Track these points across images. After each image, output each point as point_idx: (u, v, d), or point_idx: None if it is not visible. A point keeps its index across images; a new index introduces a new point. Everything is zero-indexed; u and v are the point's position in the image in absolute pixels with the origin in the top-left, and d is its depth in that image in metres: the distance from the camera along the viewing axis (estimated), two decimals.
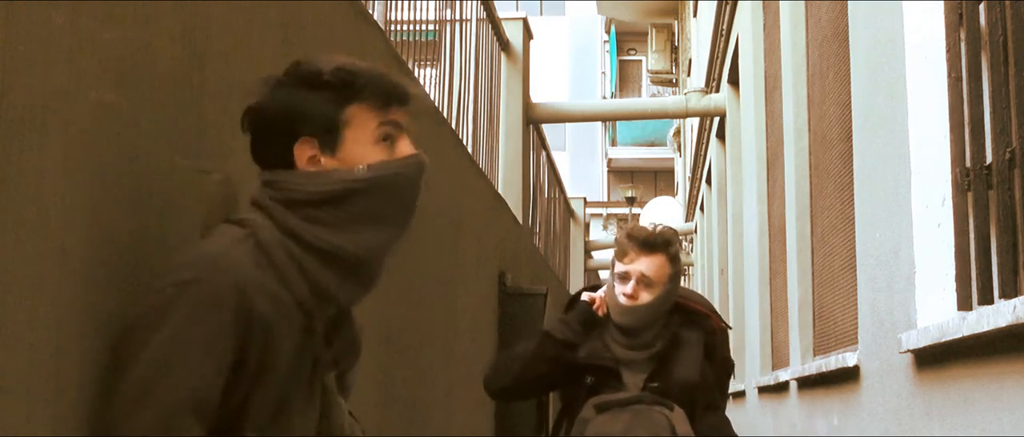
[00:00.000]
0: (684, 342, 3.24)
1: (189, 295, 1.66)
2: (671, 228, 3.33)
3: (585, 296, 3.35)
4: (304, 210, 1.77)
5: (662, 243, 3.22)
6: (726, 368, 3.37)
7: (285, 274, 1.74)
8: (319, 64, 1.81)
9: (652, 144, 30.21)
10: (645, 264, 3.18)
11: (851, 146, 4.42)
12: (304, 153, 1.79)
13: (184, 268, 1.69)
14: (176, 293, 1.66)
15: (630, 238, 3.23)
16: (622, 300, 3.18)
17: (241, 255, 1.71)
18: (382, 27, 4.23)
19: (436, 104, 5.22)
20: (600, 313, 3.27)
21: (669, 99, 12.38)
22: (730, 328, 3.43)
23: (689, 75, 16.60)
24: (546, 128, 10.08)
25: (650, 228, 3.27)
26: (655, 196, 25.03)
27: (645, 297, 3.17)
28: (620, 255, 3.24)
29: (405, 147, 1.84)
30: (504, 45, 8.50)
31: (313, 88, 1.79)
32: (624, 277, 3.20)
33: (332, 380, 1.89)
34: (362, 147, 1.79)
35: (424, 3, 5.33)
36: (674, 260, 3.24)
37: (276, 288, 1.73)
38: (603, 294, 3.31)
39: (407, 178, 1.83)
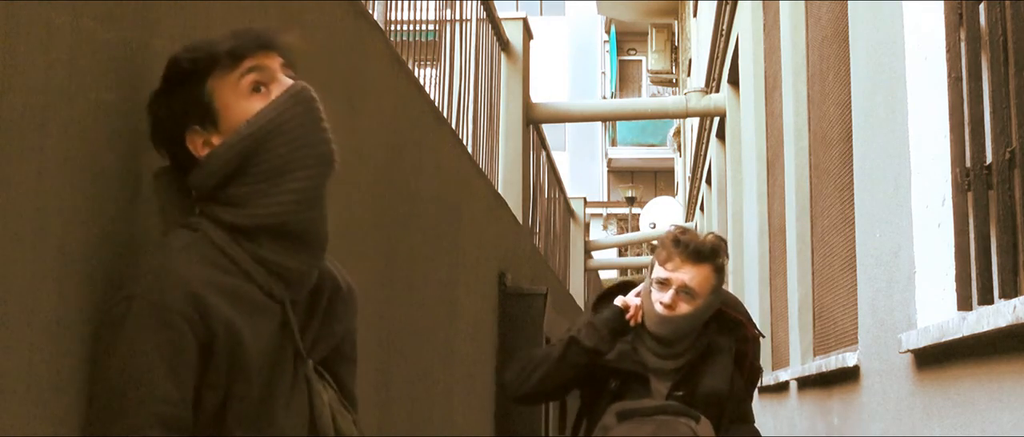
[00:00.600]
0: (715, 351, 3.07)
1: (137, 309, 1.63)
2: (721, 237, 3.11)
3: (619, 300, 3.12)
4: (221, 196, 1.74)
5: (710, 253, 3.00)
6: (755, 377, 3.24)
7: (244, 267, 1.72)
8: (177, 52, 1.78)
9: (652, 144, 30.22)
10: (689, 274, 2.97)
11: (851, 146, 4.42)
12: (197, 143, 1.76)
13: (131, 282, 1.66)
14: (125, 308, 1.64)
15: (677, 243, 2.99)
16: (659, 309, 2.98)
17: (190, 261, 1.68)
18: (382, 27, 4.23)
19: (436, 104, 5.22)
20: (633, 323, 3.07)
21: (669, 99, 12.39)
22: (763, 337, 3.28)
23: (689, 75, 16.61)
24: (546, 128, 10.07)
25: (700, 235, 3.05)
26: (655, 196, 25.02)
27: (684, 308, 2.97)
28: (663, 259, 3.00)
29: (278, 89, 1.75)
30: (504, 45, 8.49)
31: (174, 82, 1.76)
32: (664, 284, 2.99)
33: (310, 368, 1.83)
34: (236, 110, 1.73)
35: (424, 3, 5.33)
36: (719, 272, 3.04)
37: (238, 283, 1.71)
38: (638, 298, 3.09)
39: (292, 112, 1.74)
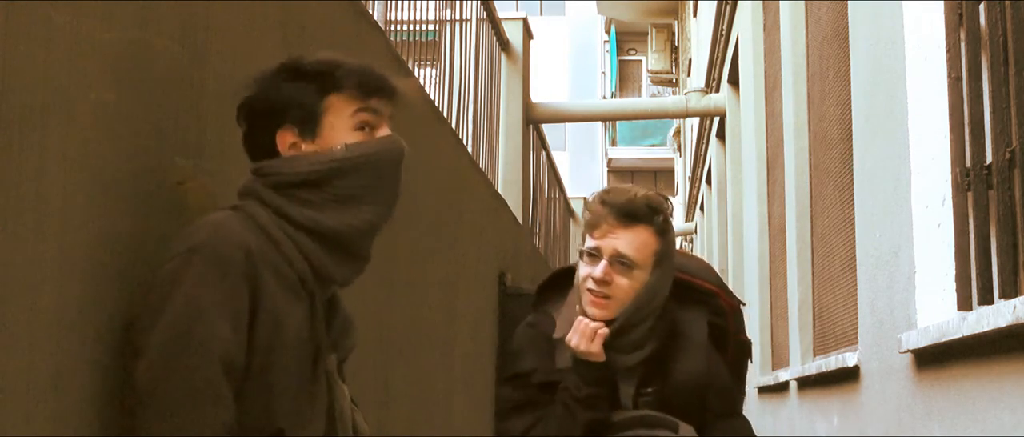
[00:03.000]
0: (684, 331, 2.51)
1: (199, 258, 1.70)
2: (660, 194, 2.52)
3: (556, 331, 2.49)
4: (289, 192, 1.84)
5: (646, 211, 2.42)
6: (742, 351, 2.68)
7: (286, 251, 1.81)
8: (304, 57, 1.91)
9: (652, 144, 30.22)
10: (622, 239, 2.39)
11: (851, 146, 4.42)
12: (285, 140, 1.87)
13: (191, 235, 1.74)
14: (186, 258, 1.70)
15: (603, 204, 2.43)
16: (590, 286, 2.39)
17: (244, 226, 1.77)
18: (382, 27, 4.23)
19: (436, 104, 5.22)
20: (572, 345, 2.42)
21: (669, 99, 12.39)
22: (744, 305, 2.71)
23: (689, 75, 16.60)
24: (546, 128, 10.07)
25: (632, 191, 2.46)
26: None
27: (622, 283, 2.38)
28: (590, 227, 2.45)
29: (383, 133, 1.90)
30: (504, 45, 8.49)
31: (293, 79, 1.88)
32: (594, 256, 2.41)
33: (334, 363, 1.91)
34: (339, 133, 1.86)
35: (424, 3, 5.33)
36: (662, 234, 2.44)
37: (279, 260, 1.79)
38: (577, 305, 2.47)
39: (384, 158, 1.88)
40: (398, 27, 4.88)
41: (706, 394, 2.48)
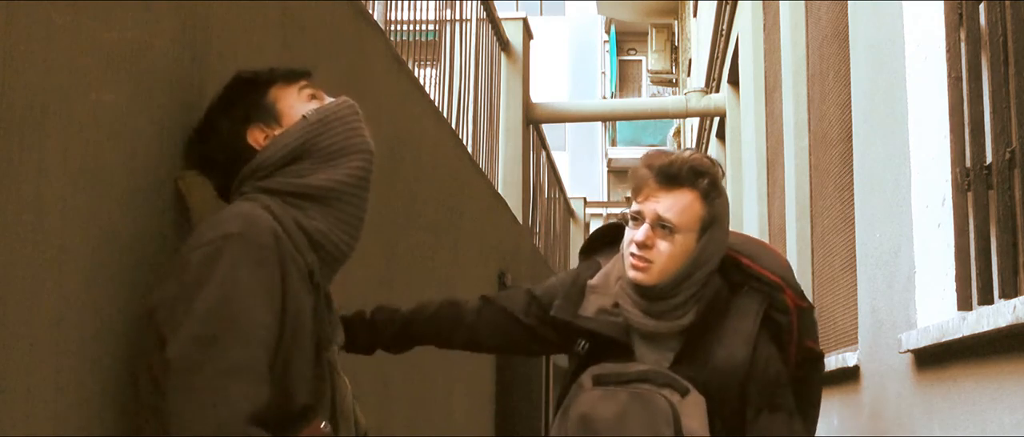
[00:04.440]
0: (733, 313, 2.39)
1: (236, 245, 1.73)
2: (708, 157, 2.42)
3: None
4: (284, 170, 1.93)
5: (689, 174, 2.34)
6: (811, 363, 2.51)
7: (297, 242, 1.86)
8: (238, 72, 2.06)
9: (652, 144, 30.21)
10: (664, 203, 2.33)
11: (851, 146, 4.42)
12: (258, 138, 1.97)
13: (225, 223, 1.77)
14: (222, 245, 1.72)
15: (649, 168, 2.37)
16: (632, 250, 2.35)
17: (266, 213, 1.83)
18: (382, 27, 4.23)
19: (436, 104, 5.22)
20: None
21: (669, 99, 12.39)
22: (812, 308, 2.54)
23: (689, 75, 16.60)
24: (546, 128, 10.07)
25: (674, 154, 2.39)
26: None
27: (663, 247, 2.32)
28: (635, 191, 2.38)
29: (329, 98, 2.06)
30: (504, 45, 8.49)
31: (236, 92, 2.01)
32: (637, 219, 2.36)
33: (335, 354, 1.96)
34: (297, 109, 1.99)
35: (424, 3, 5.33)
36: (708, 199, 2.35)
37: (291, 249, 1.84)
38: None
39: (344, 111, 2.02)
40: (398, 27, 4.88)
41: (747, 386, 2.34)
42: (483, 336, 2.61)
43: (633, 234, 2.35)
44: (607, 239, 2.56)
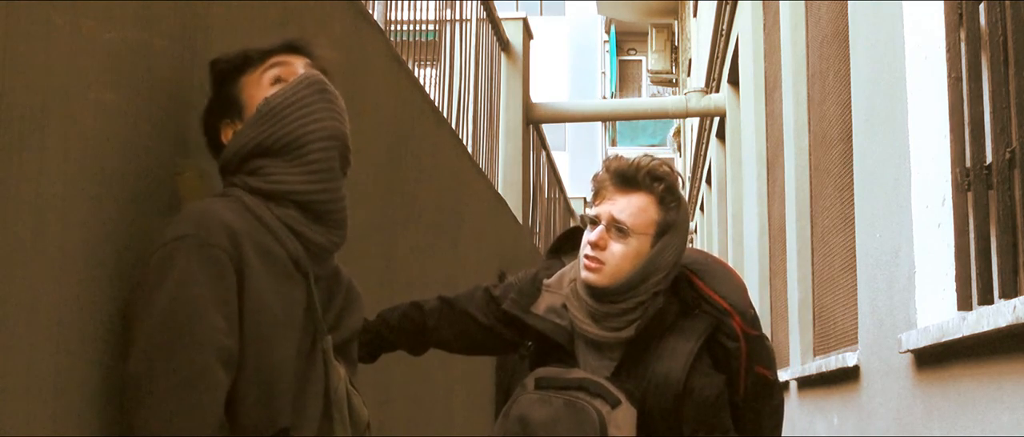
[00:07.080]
0: (677, 332, 2.38)
1: (185, 246, 1.72)
2: (665, 163, 2.43)
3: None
4: (247, 166, 1.91)
5: (645, 178, 2.36)
6: (761, 388, 2.47)
7: (276, 231, 1.84)
8: (213, 60, 2.03)
9: (652, 144, 30.21)
10: (618, 205, 2.35)
11: (851, 146, 4.42)
12: (227, 133, 1.96)
13: (180, 224, 1.76)
14: (174, 247, 1.72)
15: (607, 170, 2.41)
16: (586, 250, 2.36)
17: (228, 209, 1.81)
18: (382, 27, 4.23)
19: (436, 104, 5.22)
20: None
21: (669, 99, 12.38)
22: (764, 338, 2.51)
23: (689, 75, 16.61)
24: (546, 128, 10.07)
25: (633, 159, 2.41)
26: None
27: (616, 249, 2.33)
28: (593, 195, 2.42)
29: (301, 71, 1.98)
30: (504, 45, 8.50)
31: (216, 83, 2.00)
32: (594, 222, 2.38)
33: (329, 343, 1.92)
34: (257, 98, 1.95)
35: (424, 3, 5.33)
36: (664, 204, 2.36)
37: (269, 243, 1.83)
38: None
39: (303, 95, 1.93)
40: (398, 27, 4.88)
41: (683, 405, 2.32)
42: (448, 338, 2.65)
43: (588, 235, 2.37)
44: (573, 241, 2.55)
